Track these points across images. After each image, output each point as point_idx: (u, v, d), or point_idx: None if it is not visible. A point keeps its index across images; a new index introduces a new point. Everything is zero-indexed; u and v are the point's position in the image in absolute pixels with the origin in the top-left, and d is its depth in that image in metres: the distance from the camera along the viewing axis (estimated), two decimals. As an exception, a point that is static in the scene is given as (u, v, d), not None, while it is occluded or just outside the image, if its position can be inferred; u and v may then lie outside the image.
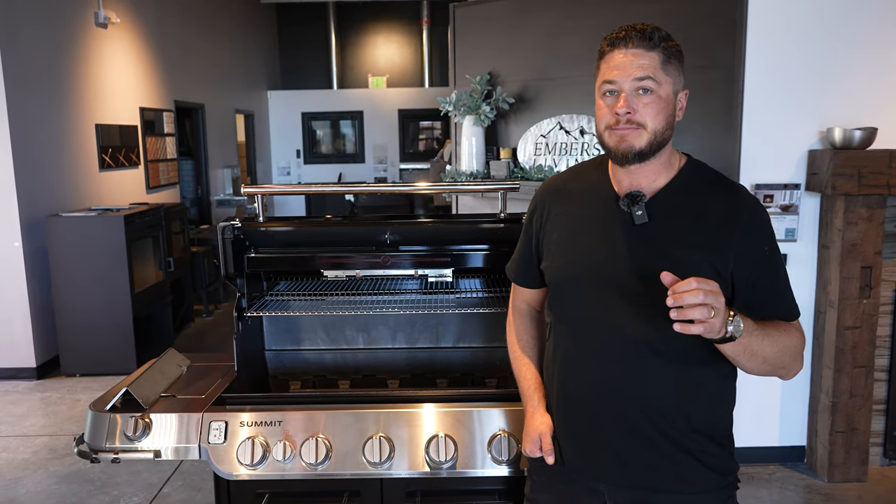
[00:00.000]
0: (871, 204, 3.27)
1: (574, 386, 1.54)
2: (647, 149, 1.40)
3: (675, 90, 1.42)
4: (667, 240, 1.42)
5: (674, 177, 1.47)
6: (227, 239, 2.08)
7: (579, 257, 1.51)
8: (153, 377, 2.07)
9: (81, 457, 1.88)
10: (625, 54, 1.39)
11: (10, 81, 4.92)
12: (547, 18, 4.17)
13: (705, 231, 1.42)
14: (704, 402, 1.46)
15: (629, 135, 1.40)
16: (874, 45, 3.32)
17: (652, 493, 1.48)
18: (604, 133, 1.44)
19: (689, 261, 1.39)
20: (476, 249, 2.19)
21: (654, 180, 1.46)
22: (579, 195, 1.57)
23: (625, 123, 1.39)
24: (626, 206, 1.45)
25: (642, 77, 1.38)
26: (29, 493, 3.49)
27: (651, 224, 1.43)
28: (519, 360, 1.72)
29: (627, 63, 1.38)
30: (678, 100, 1.44)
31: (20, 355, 5.11)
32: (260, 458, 1.82)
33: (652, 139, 1.40)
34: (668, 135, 1.43)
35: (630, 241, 1.44)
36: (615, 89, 1.40)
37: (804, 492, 3.39)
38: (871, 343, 3.38)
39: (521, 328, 1.74)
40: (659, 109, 1.39)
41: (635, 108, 1.38)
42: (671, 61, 1.41)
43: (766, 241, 1.43)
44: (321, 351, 2.44)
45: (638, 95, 1.39)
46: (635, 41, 1.39)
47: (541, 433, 1.59)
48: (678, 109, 1.44)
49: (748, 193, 1.47)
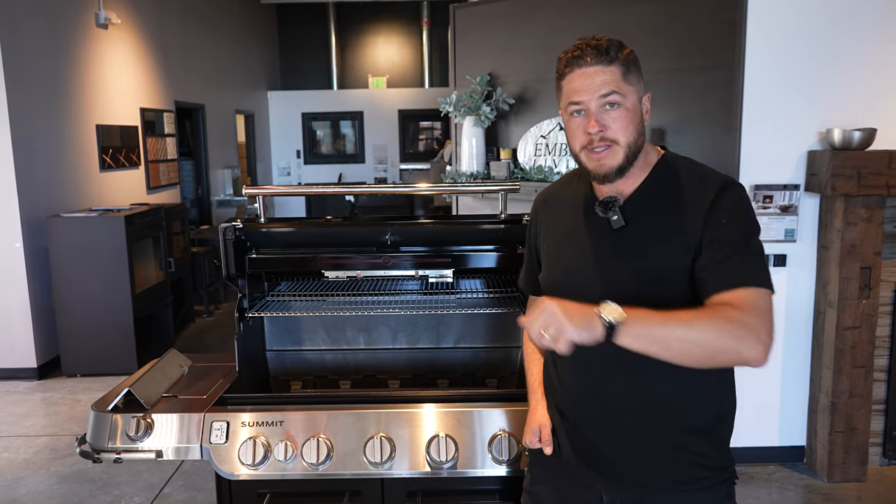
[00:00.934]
0: (870, 204, 3.28)
1: (564, 384, 1.58)
2: (625, 163, 1.43)
3: (638, 97, 1.44)
4: (644, 240, 1.44)
5: (646, 176, 1.48)
6: (229, 240, 2.09)
7: (566, 265, 1.55)
8: (155, 377, 2.08)
9: (84, 457, 1.88)
10: (584, 73, 1.40)
11: (11, 82, 4.92)
12: (547, 19, 4.18)
13: (678, 224, 1.42)
14: (701, 402, 1.47)
15: (605, 156, 1.42)
16: (873, 45, 3.33)
17: (648, 492, 1.49)
18: (580, 154, 1.46)
19: (667, 261, 1.41)
20: (477, 250, 2.20)
21: (633, 183, 1.48)
22: (564, 204, 1.61)
23: (598, 142, 1.41)
24: (601, 212, 1.47)
25: (607, 93, 1.39)
26: (30, 494, 3.50)
27: (629, 226, 1.45)
28: (528, 357, 1.77)
29: (588, 82, 1.39)
30: (643, 105, 1.46)
31: (21, 355, 5.12)
32: (261, 458, 1.83)
33: (627, 152, 1.42)
34: (641, 141, 1.45)
35: (610, 246, 1.47)
36: (582, 108, 1.42)
37: (804, 492, 3.40)
38: (871, 343, 3.38)
39: None
40: (628, 121, 1.41)
41: (606, 125, 1.40)
42: (630, 70, 1.42)
43: (729, 215, 1.38)
44: (322, 351, 2.44)
45: (605, 111, 1.40)
46: (593, 58, 1.39)
47: (541, 425, 1.64)
48: (645, 114, 1.46)
49: (719, 177, 1.44)
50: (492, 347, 2.42)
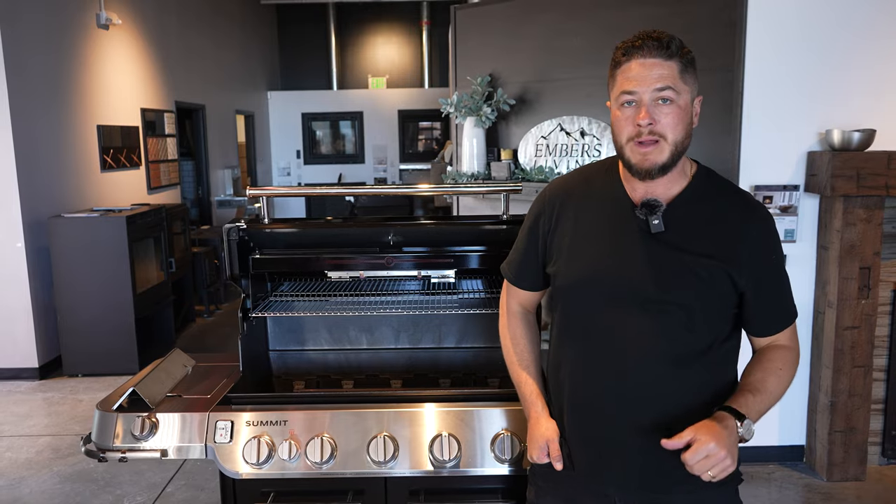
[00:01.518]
0: (869, 205, 3.29)
1: (587, 392, 1.53)
2: (669, 161, 1.40)
3: (692, 98, 1.42)
4: (681, 248, 1.43)
5: (687, 185, 1.47)
6: (233, 240, 2.11)
7: (594, 263, 1.50)
8: (159, 377, 2.09)
9: (89, 456, 1.90)
10: (642, 64, 1.37)
11: (12, 83, 4.93)
12: (548, 20, 4.19)
13: (718, 239, 1.43)
14: (708, 403, 1.47)
15: (651, 152, 1.39)
16: (873, 46, 3.34)
17: (664, 495, 1.49)
18: (625, 147, 1.42)
19: (703, 269, 1.41)
20: (479, 251, 2.21)
21: (669, 188, 1.46)
22: (592, 200, 1.55)
23: (647, 135, 1.38)
24: (643, 215, 1.44)
25: (662, 87, 1.36)
26: (33, 493, 3.51)
27: (666, 232, 1.43)
28: (516, 365, 1.69)
29: (647, 73, 1.36)
30: (694, 106, 1.43)
31: (22, 355, 5.13)
32: (265, 457, 1.84)
33: (673, 150, 1.39)
34: (687, 143, 1.42)
35: (646, 250, 1.44)
36: (634, 100, 1.38)
37: (803, 491, 3.42)
38: (870, 343, 3.40)
39: (516, 332, 1.72)
40: (679, 119, 1.38)
41: (657, 119, 1.37)
42: (688, 70, 1.40)
43: (774, 251, 1.47)
44: (325, 351, 2.46)
45: (658, 106, 1.37)
46: (653, 50, 1.37)
47: (547, 439, 1.57)
48: (694, 116, 1.44)
49: (758, 202, 1.51)
50: (493, 347, 2.43)
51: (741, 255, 1.42)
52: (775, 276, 1.48)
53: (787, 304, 1.50)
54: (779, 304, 1.49)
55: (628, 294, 1.45)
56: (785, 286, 1.50)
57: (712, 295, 1.42)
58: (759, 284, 1.44)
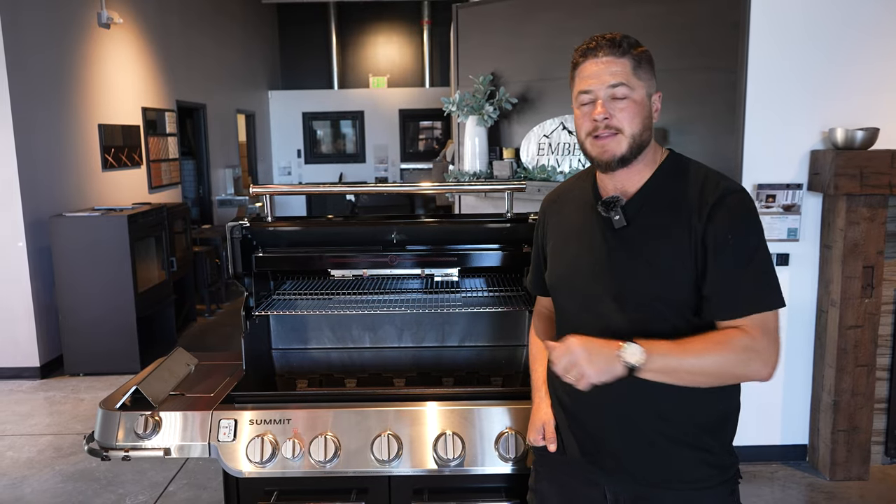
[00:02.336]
0: (873, 204, 3.28)
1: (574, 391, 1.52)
2: (628, 153, 1.45)
3: (648, 93, 1.47)
4: (644, 241, 1.46)
5: (652, 174, 1.50)
6: (236, 238, 2.10)
7: (569, 264, 1.58)
8: (162, 376, 2.08)
9: (92, 454, 1.89)
10: (596, 63, 1.44)
11: (14, 82, 4.93)
12: (550, 18, 4.19)
13: (679, 225, 1.43)
14: (704, 399, 1.47)
15: (609, 143, 1.44)
16: (876, 46, 3.34)
17: (652, 489, 1.50)
18: (585, 141, 1.49)
19: (665, 259, 1.43)
20: (483, 249, 2.21)
21: (637, 182, 1.50)
22: (570, 204, 1.64)
23: (603, 129, 1.43)
24: (603, 212, 1.49)
25: (615, 84, 1.43)
26: (35, 492, 3.51)
27: (630, 226, 1.47)
28: (534, 357, 1.79)
29: (601, 70, 1.43)
30: (653, 102, 1.48)
31: (24, 355, 5.12)
32: (269, 455, 1.83)
33: (631, 143, 1.44)
34: (647, 136, 1.47)
35: (612, 246, 1.49)
36: (591, 98, 1.45)
37: (806, 490, 3.41)
38: (873, 342, 3.39)
39: (538, 327, 1.81)
40: (634, 113, 1.44)
41: (612, 113, 1.43)
42: (642, 66, 1.45)
43: (732, 230, 1.39)
44: (328, 350, 2.45)
45: (613, 101, 1.44)
46: (605, 50, 1.44)
47: (544, 422, 1.66)
48: (654, 111, 1.49)
49: (723, 182, 1.45)
50: (497, 346, 2.43)
51: (695, 235, 1.40)
52: (732, 257, 1.38)
53: (748, 289, 1.39)
54: (736, 288, 1.38)
55: (601, 291, 1.49)
56: (749, 271, 1.39)
57: (677, 283, 1.42)
58: (713, 264, 1.39)
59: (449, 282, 2.32)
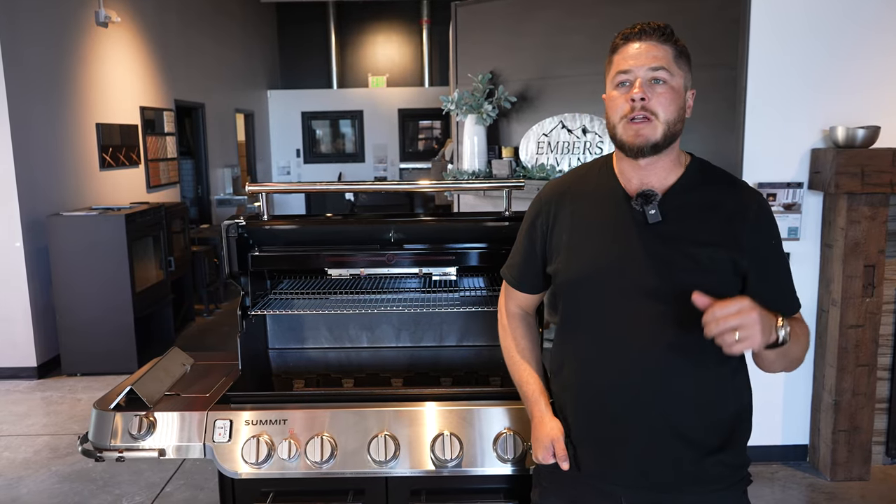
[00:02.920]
0: (874, 202, 3.26)
1: (592, 390, 1.51)
2: (661, 141, 1.41)
3: (685, 85, 1.45)
4: (681, 237, 1.43)
5: (682, 174, 1.48)
6: (232, 237, 2.08)
7: (595, 258, 1.49)
8: (157, 376, 2.06)
9: (86, 455, 1.87)
10: (639, 46, 1.43)
11: (11, 81, 4.91)
12: (549, 17, 4.17)
13: (717, 227, 1.43)
14: (723, 399, 1.46)
15: (644, 128, 1.40)
16: (877, 43, 3.32)
17: (670, 494, 1.46)
18: (618, 125, 1.44)
19: (705, 257, 1.40)
20: (481, 248, 2.19)
21: (664, 178, 1.47)
22: (588, 196, 1.55)
23: (639, 111, 1.40)
24: (639, 206, 1.44)
25: (657, 67, 1.40)
26: (31, 493, 3.49)
27: (664, 222, 1.43)
28: (519, 365, 1.68)
29: (642, 53, 1.42)
30: (687, 97, 1.46)
31: (21, 355, 5.10)
32: (265, 456, 1.81)
33: (665, 130, 1.41)
34: (679, 128, 1.44)
35: (645, 241, 1.44)
36: (629, 79, 1.42)
37: (807, 490, 3.39)
38: (874, 342, 3.37)
39: (517, 332, 1.72)
40: (671, 100, 1.41)
41: (649, 96, 1.40)
42: (682, 58, 1.45)
43: (773, 235, 1.47)
44: (325, 349, 2.43)
45: (652, 85, 1.41)
46: (650, 34, 1.43)
47: (553, 439, 1.55)
48: (687, 107, 1.47)
49: (752, 189, 1.51)
50: (495, 346, 2.40)
51: (741, 239, 1.41)
52: (777, 262, 1.47)
53: (790, 290, 1.49)
54: (782, 290, 1.47)
55: (631, 287, 1.44)
56: (787, 274, 1.49)
57: (716, 282, 1.39)
58: (762, 268, 1.43)
59: (447, 281, 2.30)
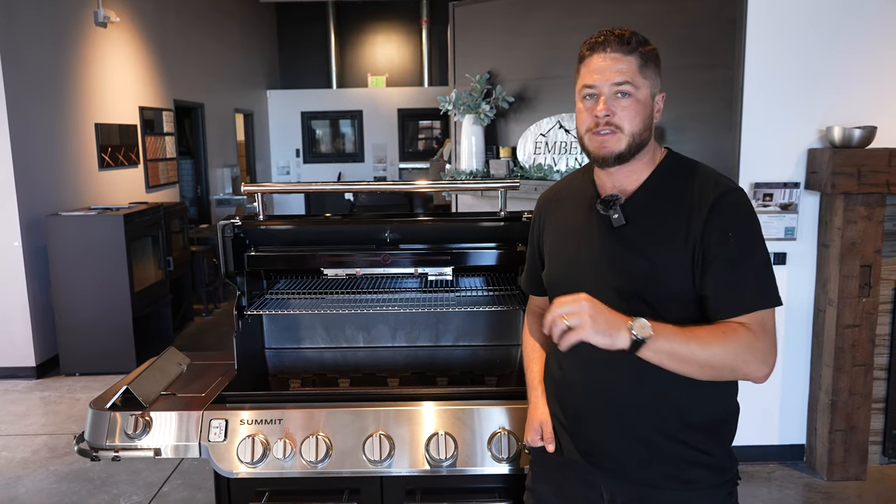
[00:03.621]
0: (870, 202, 3.27)
1: (570, 385, 1.57)
2: (626, 152, 1.44)
3: (652, 93, 1.46)
4: (644, 240, 1.45)
5: (651, 173, 1.50)
6: (228, 237, 2.09)
7: (568, 262, 1.56)
8: (153, 375, 2.07)
9: (82, 455, 1.88)
10: (603, 58, 1.43)
11: (9, 80, 4.92)
12: (547, 17, 4.17)
13: (678, 224, 1.42)
14: (700, 399, 1.46)
15: (608, 140, 1.43)
16: (874, 44, 3.33)
17: (648, 489, 1.49)
18: (584, 136, 1.48)
19: (662, 259, 1.42)
20: (476, 248, 2.19)
21: (636, 180, 1.49)
22: (568, 202, 1.62)
23: (604, 126, 1.42)
24: (602, 210, 1.48)
25: (620, 81, 1.41)
26: (29, 492, 3.49)
27: (629, 225, 1.46)
28: (528, 356, 1.77)
29: (606, 67, 1.42)
30: (655, 102, 1.47)
31: (20, 354, 5.11)
32: (260, 456, 1.82)
33: (630, 142, 1.43)
34: (647, 136, 1.46)
35: (611, 244, 1.48)
36: (594, 93, 1.44)
37: (804, 490, 3.40)
38: (871, 341, 3.38)
39: (532, 326, 1.79)
40: (636, 112, 1.43)
41: (614, 111, 1.42)
42: (648, 65, 1.44)
43: (731, 227, 1.39)
44: (321, 349, 2.44)
45: (616, 99, 1.42)
46: (613, 46, 1.43)
47: (542, 422, 1.63)
48: (655, 111, 1.48)
49: (721, 180, 1.45)
50: (491, 346, 2.42)
51: (695, 235, 1.40)
52: (733, 255, 1.38)
53: (749, 287, 1.39)
54: (737, 286, 1.38)
55: (600, 289, 1.44)
56: (749, 269, 1.39)
57: (674, 281, 1.41)
58: (712, 263, 1.38)
59: (443, 281, 2.31)
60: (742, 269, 1.39)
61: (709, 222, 1.39)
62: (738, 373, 1.38)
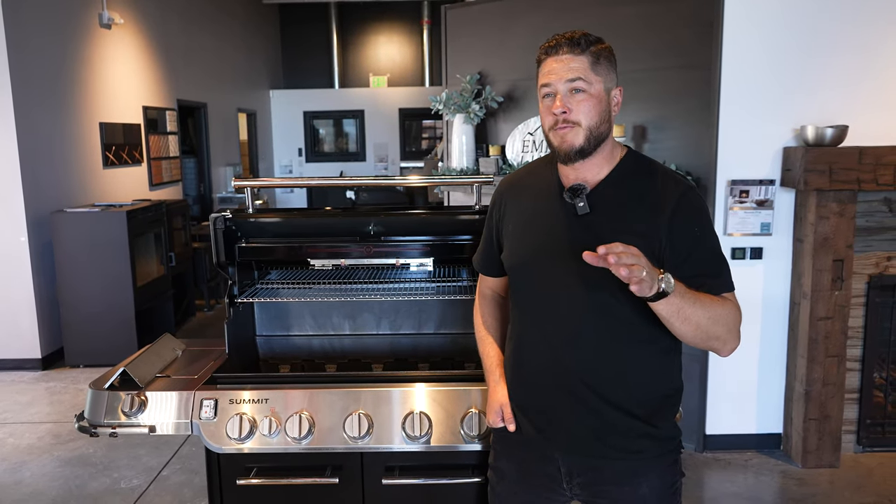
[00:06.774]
0: (842, 199, 3.39)
1: (527, 363, 1.69)
2: (585, 144, 1.54)
3: (606, 88, 1.56)
4: (607, 228, 1.55)
5: (613, 168, 1.61)
6: (219, 229, 2.22)
7: (530, 246, 1.66)
8: (149, 359, 2.20)
9: (81, 431, 2.01)
10: (557, 60, 1.54)
11: (16, 81, 5.07)
12: (535, 20, 4.30)
13: (641, 216, 1.55)
14: (648, 376, 1.59)
15: (568, 134, 1.54)
16: (846, 46, 3.44)
17: (600, 460, 1.61)
18: (548, 133, 1.59)
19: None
20: (454, 240, 2.32)
21: (597, 173, 1.60)
22: (531, 189, 1.72)
23: (562, 123, 1.53)
24: (569, 198, 1.58)
25: (573, 78, 1.52)
26: (34, 476, 3.64)
27: (593, 214, 1.57)
28: (483, 340, 1.87)
29: (559, 68, 1.54)
30: (612, 96, 1.58)
31: (26, 347, 5.26)
32: (247, 432, 1.95)
33: (588, 135, 1.54)
34: (605, 129, 1.57)
35: (574, 230, 1.58)
36: (551, 91, 1.55)
37: (779, 477, 3.52)
38: (843, 333, 3.49)
39: (485, 311, 1.90)
40: (591, 106, 1.53)
41: (570, 108, 1.53)
42: (600, 62, 1.55)
43: (696, 223, 1.55)
44: (309, 336, 2.57)
45: (571, 95, 1.53)
46: (565, 48, 1.54)
47: (502, 404, 1.74)
48: (613, 105, 1.58)
49: (680, 179, 1.60)
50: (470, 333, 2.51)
51: (660, 232, 1.52)
52: (700, 246, 1.54)
53: (716, 273, 1.54)
54: (708, 272, 1.53)
55: (561, 273, 1.57)
56: (712, 257, 1.56)
57: None
58: (683, 253, 1.52)
59: (424, 271, 2.44)
60: (714, 257, 1.55)
61: (676, 218, 1.52)
62: (719, 341, 1.51)
